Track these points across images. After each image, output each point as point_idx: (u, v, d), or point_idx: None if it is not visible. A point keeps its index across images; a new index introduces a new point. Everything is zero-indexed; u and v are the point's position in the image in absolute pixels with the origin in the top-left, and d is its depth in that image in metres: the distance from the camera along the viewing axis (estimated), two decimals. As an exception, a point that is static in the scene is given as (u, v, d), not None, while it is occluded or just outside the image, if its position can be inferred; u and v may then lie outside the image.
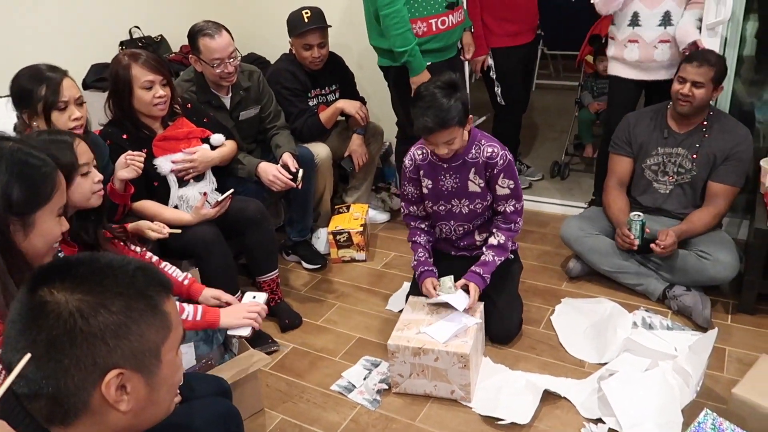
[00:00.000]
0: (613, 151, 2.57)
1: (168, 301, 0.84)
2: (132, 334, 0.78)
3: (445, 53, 2.77)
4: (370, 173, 3.26)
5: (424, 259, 2.26)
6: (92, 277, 0.78)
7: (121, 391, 0.78)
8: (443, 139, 2.01)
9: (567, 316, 2.37)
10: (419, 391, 2.02)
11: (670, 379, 1.92)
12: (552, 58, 5.36)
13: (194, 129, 2.33)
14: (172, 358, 0.84)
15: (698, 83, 2.24)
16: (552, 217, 3.19)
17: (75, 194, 1.56)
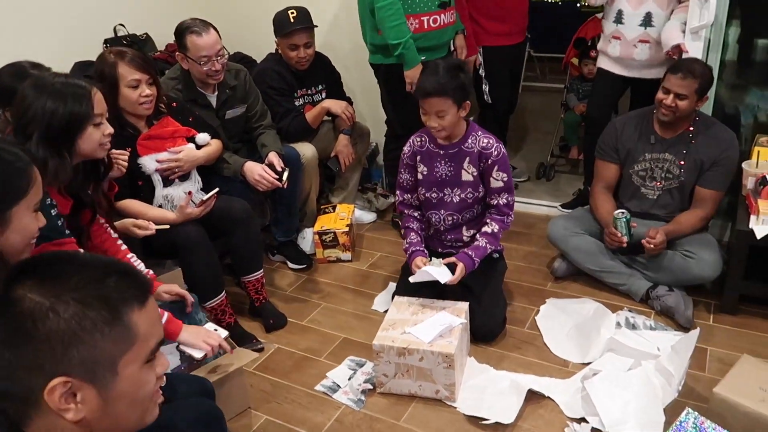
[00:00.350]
0: (599, 156, 2.60)
1: (138, 312, 0.79)
2: (83, 344, 0.74)
3: (436, 52, 2.78)
4: (356, 173, 3.25)
5: (416, 241, 2.34)
6: (58, 277, 0.76)
7: (68, 400, 0.75)
8: (435, 107, 2.08)
9: (551, 316, 2.39)
10: (404, 391, 2.01)
11: (652, 378, 1.93)
12: (538, 60, 5.40)
13: (179, 128, 2.31)
14: (134, 372, 0.79)
15: (681, 95, 2.26)
16: (538, 218, 3.21)
17: (85, 143, 1.62)
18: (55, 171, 1.56)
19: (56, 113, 1.56)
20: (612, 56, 2.77)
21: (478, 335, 2.24)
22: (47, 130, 1.56)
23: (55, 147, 1.57)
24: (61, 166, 1.58)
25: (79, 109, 1.59)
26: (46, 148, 1.55)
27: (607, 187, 2.58)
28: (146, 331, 0.80)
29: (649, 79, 2.73)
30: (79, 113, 1.59)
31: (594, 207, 2.57)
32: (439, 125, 2.12)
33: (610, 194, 2.58)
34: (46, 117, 1.55)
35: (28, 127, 1.56)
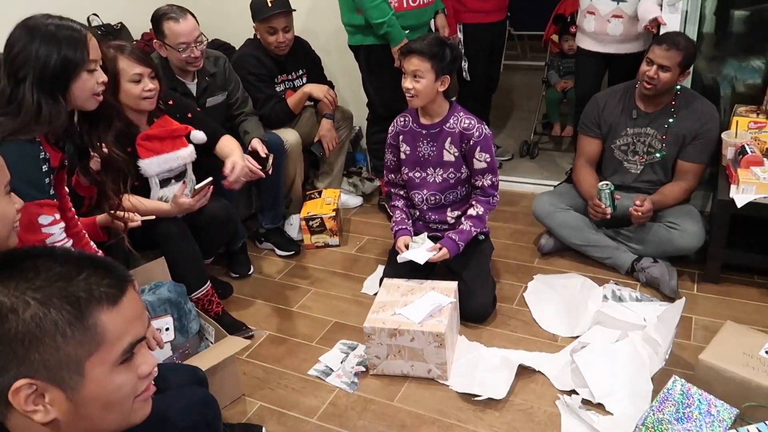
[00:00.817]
0: (582, 132, 2.61)
1: (108, 312, 0.75)
2: (44, 346, 0.71)
3: (415, 32, 2.76)
4: (340, 158, 3.24)
5: (401, 219, 2.39)
6: (23, 274, 0.72)
7: (36, 401, 0.73)
8: (413, 66, 2.13)
9: (539, 292, 2.41)
10: (396, 371, 2.03)
11: (639, 349, 1.97)
12: (519, 38, 5.39)
13: (178, 126, 2.24)
14: (103, 374, 0.76)
15: (665, 67, 2.28)
16: (523, 195, 3.22)
17: (77, 90, 1.52)
18: (50, 116, 1.48)
19: (50, 58, 1.47)
20: (587, 31, 2.81)
21: (469, 317, 2.26)
22: (41, 75, 1.47)
23: (49, 92, 1.49)
24: (56, 110, 1.49)
25: (74, 55, 1.50)
26: (39, 92, 1.48)
27: (590, 162, 2.60)
28: (117, 332, 0.76)
29: (625, 54, 2.76)
30: (73, 59, 1.50)
31: (576, 181, 2.59)
32: (413, 87, 2.14)
33: (593, 168, 2.60)
34: (39, 62, 1.46)
35: (19, 71, 1.47)
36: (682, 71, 2.30)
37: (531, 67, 5.09)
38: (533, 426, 1.80)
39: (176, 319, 1.97)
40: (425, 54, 2.10)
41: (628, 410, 1.77)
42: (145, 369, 0.81)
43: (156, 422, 1.25)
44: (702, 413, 1.58)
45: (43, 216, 1.54)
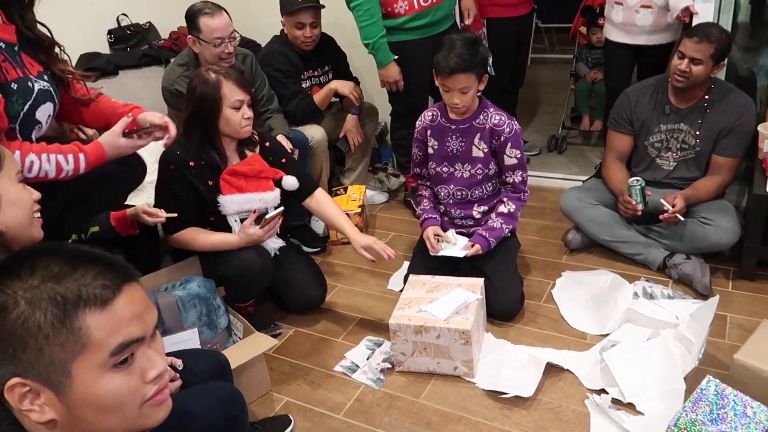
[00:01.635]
0: (612, 127, 2.56)
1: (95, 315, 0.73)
2: (28, 347, 0.71)
3: (435, 28, 2.74)
4: (366, 154, 3.24)
5: (429, 208, 2.39)
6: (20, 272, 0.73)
7: (33, 401, 0.73)
8: (460, 84, 2.07)
9: (568, 289, 2.38)
10: (422, 368, 2.02)
11: (672, 347, 1.93)
12: (546, 31, 5.31)
13: (268, 169, 2.14)
14: (92, 377, 0.74)
15: (696, 60, 2.21)
16: (551, 191, 3.18)
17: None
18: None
19: None
20: (615, 22, 2.75)
21: (495, 315, 2.24)
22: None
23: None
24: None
25: None
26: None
27: (620, 158, 2.55)
28: (104, 335, 0.74)
29: (654, 45, 2.69)
30: None
31: (606, 177, 2.54)
32: (461, 102, 2.12)
33: (623, 164, 2.54)
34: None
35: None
36: (715, 63, 2.23)
37: (559, 60, 5.02)
38: (561, 425, 1.78)
39: (205, 314, 2.00)
40: (467, 69, 2.05)
41: (659, 410, 1.74)
42: (151, 373, 0.79)
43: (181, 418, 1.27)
44: (737, 414, 1.53)
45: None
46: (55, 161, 1.51)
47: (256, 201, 2.11)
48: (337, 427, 1.86)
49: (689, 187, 2.36)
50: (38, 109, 1.53)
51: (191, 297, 1.97)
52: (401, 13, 2.66)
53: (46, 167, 1.50)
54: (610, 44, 2.88)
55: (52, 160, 1.52)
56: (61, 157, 1.53)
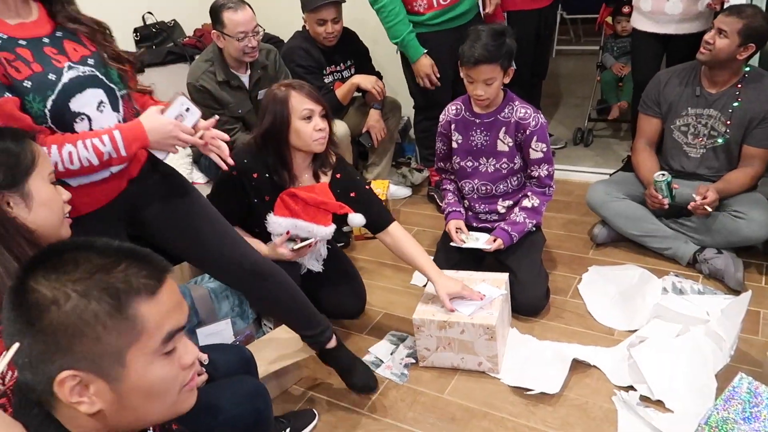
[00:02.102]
0: (642, 110, 2.52)
1: (146, 302, 0.76)
2: (86, 337, 0.72)
3: (457, 21, 2.72)
4: (389, 148, 3.23)
5: (453, 201, 2.38)
6: (63, 267, 0.74)
7: (82, 393, 0.74)
8: (485, 75, 2.05)
9: (595, 283, 2.34)
10: (446, 364, 2.01)
11: (702, 344, 1.88)
12: (571, 22, 5.23)
13: (331, 202, 2.02)
14: (144, 363, 0.76)
15: (722, 31, 2.16)
16: (577, 185, 3.13)
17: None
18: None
19: None
20: (644, 11, 2.69)
21: (521, 311, 2.21)
22: None
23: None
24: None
25: None
26: None
27: (649, 143, 2.50)
28: (156, 322, 0.77)
29: (683, 34, 2.63)
30: None
31: (636, 165, 2.50)
32: (486, 94, 2.09)
33: (653, 150, 2.50)
34: None
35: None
36: (743, 42, 2.15)
37: (584, 51, 4.94)
38: (588, 422, 1.75)
39: (237, 305, 2.05)
40: (492, 60, 2.03)
41: (689, 408, 1.70)
42: (187, 359, 0.82)
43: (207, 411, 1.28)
44: (771, 413, 1.49)
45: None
46: (92, 145, 1.42)
47: (305, 230, 2.01)
48: (361, 422, 1.87)
49: (720, 180, 2.30)
50: (72, 99, 1.44)
51: (223, 288, 2.01)
52: (420, 11, 2.66)
53: (85, 154, 1.42)
54: (638, 34, 2.82)
55: (89, 145, 1.42)
56: (96, 140, 1.43)
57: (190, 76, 2.60)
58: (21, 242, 1.09)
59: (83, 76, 1.46)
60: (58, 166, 1.36)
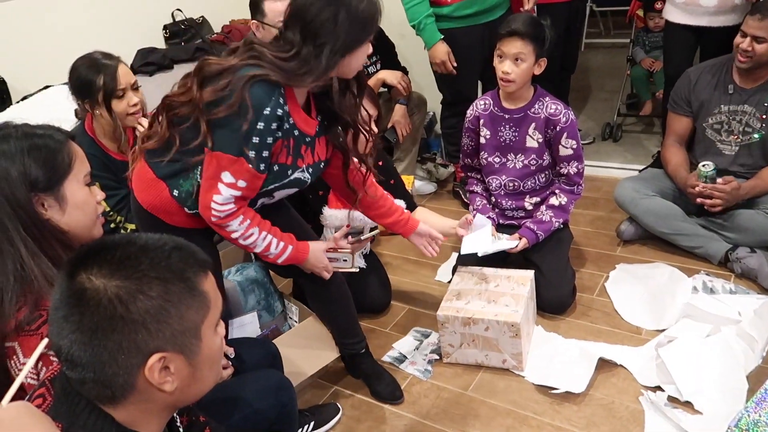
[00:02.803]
0: (671, 109, 2.47)
1: (206, 280, 0.83)
2: (172, 318, 0.78)
3: (485, 15, 2.69)
4: (414, 144, 3.22)
5: (483, 206, 2.34)
6: (128, 261, 0.78)
7: (164, 373, 0.79)
8: (515, 49, 2.03)
9: (622, 281, 2.30)
10: (470, 360, 2.01)
11: (733, 344, 1.84)
12: (601, 15, 5.14)
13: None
14: (211, 335, 0.84)
15: (759, 38, 2.10)
16: (605, 181, 3.09)
17: (353, 61, 1.53)
18: (317, 71, 1.43)
19: (349, 31, 1.44)
20: (677, 2, 2.62)
21: (547, 308, 2.19)
22: (339, 44, 1.43)
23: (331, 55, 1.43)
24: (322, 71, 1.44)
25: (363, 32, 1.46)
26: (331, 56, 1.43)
27: (679, 141, 2.46)
28: (215, 296, 0.84)
29: (718, 27, 2.56)
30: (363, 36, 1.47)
31: (665, 161, 2.46)
32: (513, 73, 2.06)
33: (683, 147, 2.45)
34: (340, 32, 1.42)
35: (318, 38, 1.42)
36: None
37: (614, 45, 4.86)
38: (614, 422, 1.73)
39: (263, 298, 2.07)
40: (529, 36, 2.01)
41: (719, 410, 1.67)
42: (222, 331, 0.89)
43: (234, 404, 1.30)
44: (805, 417, 1.45)
45: (226, 173, 1.44)
46: (267, 242, 1.60)
47: (359, 219, 2.08)
48: (384, 417, 1.87)
49: (754, 177, 2.25)
50: (281, 190, 1.62)
51: (250, 282, 2.03)
52: (447, 1, 2.62)
53: (259, 242, 1.59)
54: (671, 26, 2.75)
55: (267, 240, 1.60)
56: (274, 240, 1.62)
57: None
58: (54, 244, 1.12)
59: (300, 179, 1.61)
60: (237, 235, 1.54)
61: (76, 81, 1.95)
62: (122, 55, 2.09)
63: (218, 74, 1.41)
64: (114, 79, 1.92)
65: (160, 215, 1.60)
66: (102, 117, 1.98)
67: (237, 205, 1.51)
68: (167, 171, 1.55)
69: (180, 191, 1.55)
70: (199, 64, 1.45)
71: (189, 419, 1.05)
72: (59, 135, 1.18)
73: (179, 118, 1.48)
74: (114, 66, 1.94)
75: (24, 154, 1.12)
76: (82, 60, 1.97)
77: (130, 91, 1.97)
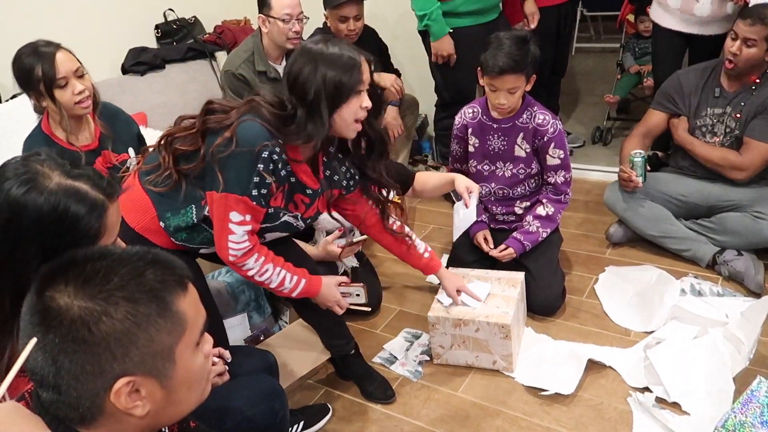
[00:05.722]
0: (652, 107, 2.49)
1: (184, 298, 0.78)
2: (140, 341, 0.73)
3: (483, 16, 2.71)
4: (406, 146, 3.23)
5: None
6: (97, 278, 0.73)
7: (134, 397, 0.75)
8: (509, 84, 2.02)
9: (611, 284, 2.32)
10: (461, 361, 2.01)
11: (720, 346, 1.86)
12: (592, 19, 5.18)
13: None
14: (189, 356, 0.79)
15: (750, 41, 2.13)
16: (594, 184, 3.11)
17: (345, 113, 1.53)
18: (312, 133, 1.49)
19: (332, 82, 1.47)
20: (671, 8, 2.61)
21: (536, 310, 2.21)
22: (324, 97, 1.47)
23: (320, 113, 1.48)
24: (318, 130, 1.49)
25: (349, 79, 1.49)
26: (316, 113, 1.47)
27: (645, 134, 2.49)
28: (193, 315, 0.79)
29: (708, 35, 2.58)
30: (348, 83, 1.49)
31: (621, 147, 2.50)
32: (508, 103, 2.07)
33: (646, 141, 2.49)
34: (328, 86, 1.47)
35: (306, 95, 1.47)
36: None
37: (605, 49, 4.88)
38: (603, 423, 1.74)
39: (254, 299, 2.06)
40: (517, 69, 1.99)
41: (706, 411, 1.68)
42: (208, 348, 0.85)
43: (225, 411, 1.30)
44: (790, 417, 1.47)
45: (234, 213, 1.50)
46: (282, 277, 1.65)
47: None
48: (374, 418, 1.88)
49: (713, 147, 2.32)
50: (271, 232, 1.66)
51: (240, 283, 2.03)
52: None
53: (274, 278, 1.63)
54: (660, 30, 2.75)
55: (281, 275, 1.65)
56: (288, 275, 1.66)
57: (228, 63, 2.61)
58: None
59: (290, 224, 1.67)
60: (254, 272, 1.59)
61: (17, 72, 1.81)
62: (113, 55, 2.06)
63: (220, 129, 1.47)
64: (53, 67, 1.76)
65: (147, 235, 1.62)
66: (50, 108, 1.83)
67: (251, 242, 1.56)
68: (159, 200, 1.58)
69: (167, 224, 1.59)
70: (203, 110, 1.51)
71: (179, 426, 1.04)
72: (97, 209, 1.03)
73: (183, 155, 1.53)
74: (52, 53, 1.77)
75: (47, 233, 1.00)
76: (24, 48, 1.81)
77: (73, 78, 1.80)
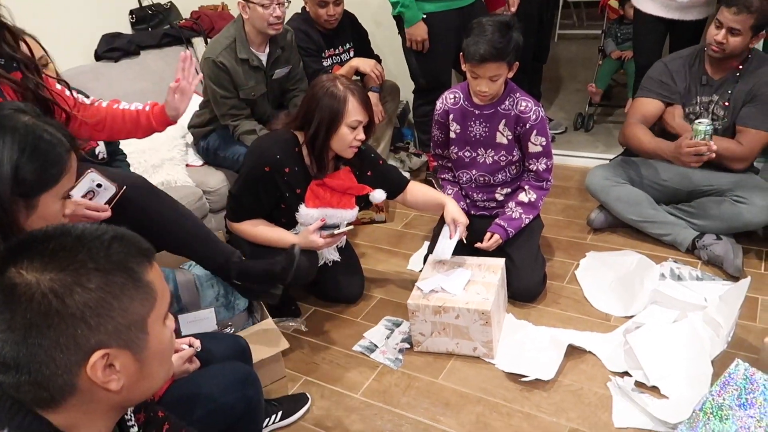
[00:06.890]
0: (642, 94, 2.42)
1: (150, 269, 0.78)
2: (114, 311, 0.73)
3: (458, 0, 2.67)
4: (387, 132, 3.20)
5: (454, 194, 2.32)
6: (63, 252, 0.72)
7: (109, 371, 0.74)
8: (490, 72, 1.99)
9: (592, 269, 2.32)
10: (441, 349, 2.00)
11: (699, 330, 1.87)
12: (575, 6, 5.17)
13: (356, 186, 2.07)
14: (159, 328, 0.79)
15: (735, 30, 2.12)
16: (576, 170, 3.10)
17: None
18: None
19: None
20: None
21: (517, 296, 2.20)
22: None
23: None
24: None
25: None
26: None
27: (643, 122, 2.39)
28: (161, 287, 0.80)
29: (689, 20, 2.58)
30: None
31: (636, 141, 2.36)
32: (490, 90, 2.04)
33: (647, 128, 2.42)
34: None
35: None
36: (754, 34, 2.13)
37: (587, 36, 4.88)
38: (582, 408, 1.74)
39: (222, 295, 2.00)
40: (499, 57, 1.95)
41: (685, 394, 1.69)
42: (172, 324, 0.85)
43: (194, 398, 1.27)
44: (767, 399, 1.48)
45: None
46: None
47: (335, 216, 2.03)
48: (355, 407, 1.86)
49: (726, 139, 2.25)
50: None
51: (209, 277, 1.97)
52: None
53: None
54: (641, 16, 2.74)
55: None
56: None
57: (209, 51, 2.51)
58: None
59: None
60: None
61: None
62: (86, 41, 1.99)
63: None
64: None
65: None
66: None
67: None
68: None
69: None
70: None
71: (146, 416, 1.01)
72: (64, 145, 1.11)
73: None
74: None
75: (24, 153, 1.06)
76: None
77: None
